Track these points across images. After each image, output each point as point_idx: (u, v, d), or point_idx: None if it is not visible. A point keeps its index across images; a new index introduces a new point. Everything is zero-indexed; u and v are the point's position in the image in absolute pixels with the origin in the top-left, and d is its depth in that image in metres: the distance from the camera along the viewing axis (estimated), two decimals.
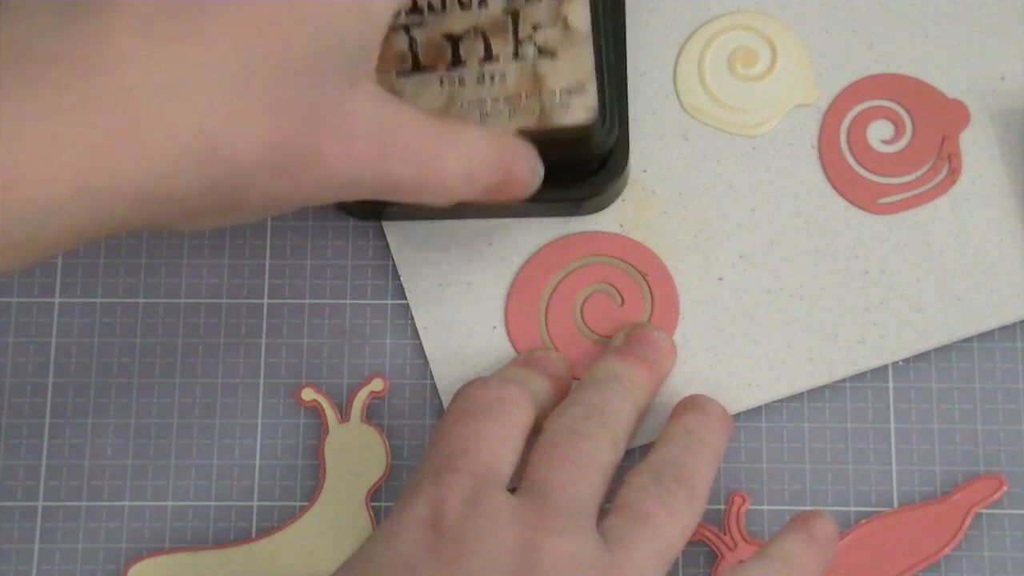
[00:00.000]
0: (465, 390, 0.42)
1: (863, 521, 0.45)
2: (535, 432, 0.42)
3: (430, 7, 0.43)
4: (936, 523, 0.44)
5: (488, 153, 0.38)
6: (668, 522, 0.39)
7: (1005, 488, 0.45)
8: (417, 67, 0.43)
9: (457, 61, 0.42)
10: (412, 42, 0.43)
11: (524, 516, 0.38)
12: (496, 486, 0.39)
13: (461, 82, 0.42)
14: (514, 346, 0.46)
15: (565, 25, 0.42)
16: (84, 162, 0.30)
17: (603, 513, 0.40)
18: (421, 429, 0.46)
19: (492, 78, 0.42)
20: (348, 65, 0.34)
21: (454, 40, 0.43)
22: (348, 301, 0.47)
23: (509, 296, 0.46)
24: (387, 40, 0.42)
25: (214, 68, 0.31)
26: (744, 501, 0.45)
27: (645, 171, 0.47)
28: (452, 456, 0.39)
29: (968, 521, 0.44)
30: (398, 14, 0.42)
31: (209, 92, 0.31)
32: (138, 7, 0.31)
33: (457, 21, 0.43)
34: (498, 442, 0.40)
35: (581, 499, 0.39)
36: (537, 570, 0.37)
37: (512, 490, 0.39)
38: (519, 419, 0.41)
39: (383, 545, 0.38)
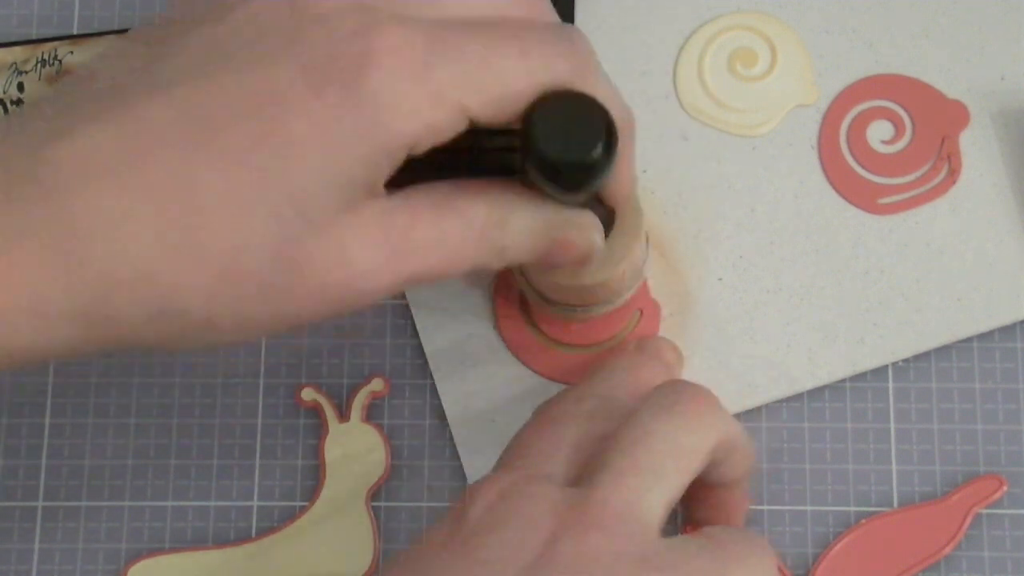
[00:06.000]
0: (545, 402, 0.41)
1: (863, 521, 0.45)
2: None
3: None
4: (936, 523, 0.44)
5: (524, 230, 0.35)
6: None
7: (1005, 488, 0.45)
8: None
9: None
10: None
11: (555, 511, 0.34)
12: (541, 481, 0.36)
13: None
14: (508, 345, 0.46)
15: None
16: (25, 285, 0.31)
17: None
18: (421, 429, 0.46)
19: None
20: (339, 195, 0.32)
21: None
22: None
23: (495, 294, 0.46)
24: None
25: (159, 201, 0.31)
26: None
27: (645, 171, 0.47)
28: (511, 457, 0.38)
29: (968, 521, 0.44)
30: None
31: (149, 224, 0.31)
32: (93, 137, 0.31)
33: None
34: (561, 445, 0.38)
35: (642, 496, 0.35)
36: (548, 567, 0.33)
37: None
38: (593, 428, 0.38)
39: (417, 539, 0.37)
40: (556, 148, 0.33)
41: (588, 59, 0.35)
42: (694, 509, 0.40)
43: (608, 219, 0.39)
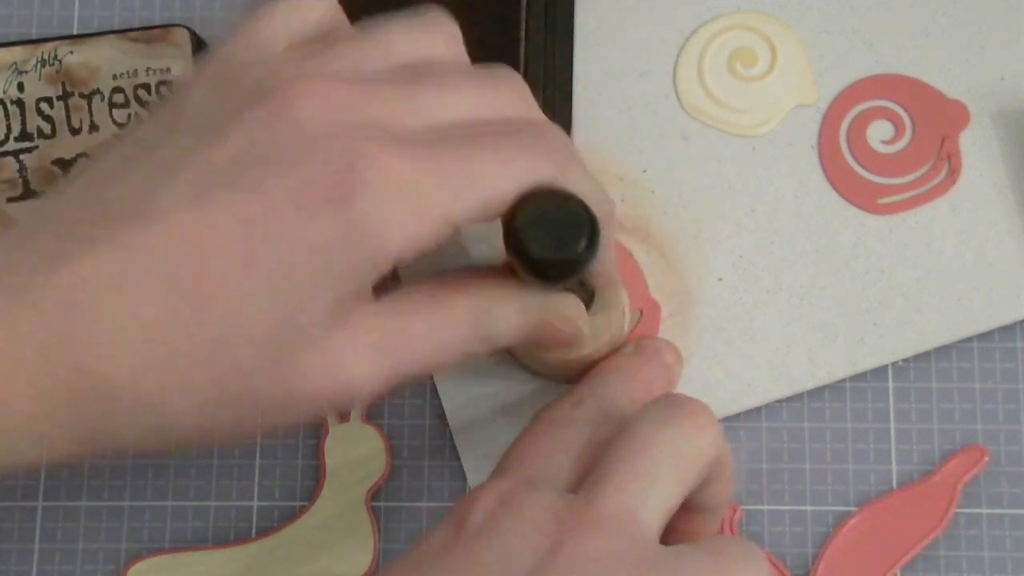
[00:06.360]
0: (544, 406, 0.41)
1: (855, 511, 0.45)
2: None
3: (40, 133, 0.44)
4: (926, 501, 0.45)
5: (510, 320, 0.37)
6: None
7: (986, 458, 0.45)
8: (28, 193, 0.45)
9: None
10: (22, 168, 0.45)
11: (556, 517, 0.35)
12: (539, 488, 0.36)
13: None
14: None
15: None
16: (29, 411, 0.32)
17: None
18: (421, 429, 0.46)
19: None
20: (328, 310, 0.33)
21: (64, 166, 0.45)
22: None
23: None
24: None
25: (153, 328, 0.32)
26: (735, 511, 0.45)
27: (645, 171, 0.47)
28: (511, 461, 0.39)
29: (957, 495, 0.44)
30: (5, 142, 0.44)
31: (143, 351, 0.32)
32: (90, 266, 0.32)
33: (67, 147, 0.45)
34: (561, 449, 0.38)
35: (641, 501, 0.35)
36: (550, 570, 0.33)
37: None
38: (593, 432, 0.39)
39: (420, 540, 0.37)
40: (540, 247, 0.34)
41: (567, 155, 0.36)
42: (670, 538, 0.40)
43: (589, 297, 0.40)
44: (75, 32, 0.49)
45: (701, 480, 0.37)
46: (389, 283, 0.35)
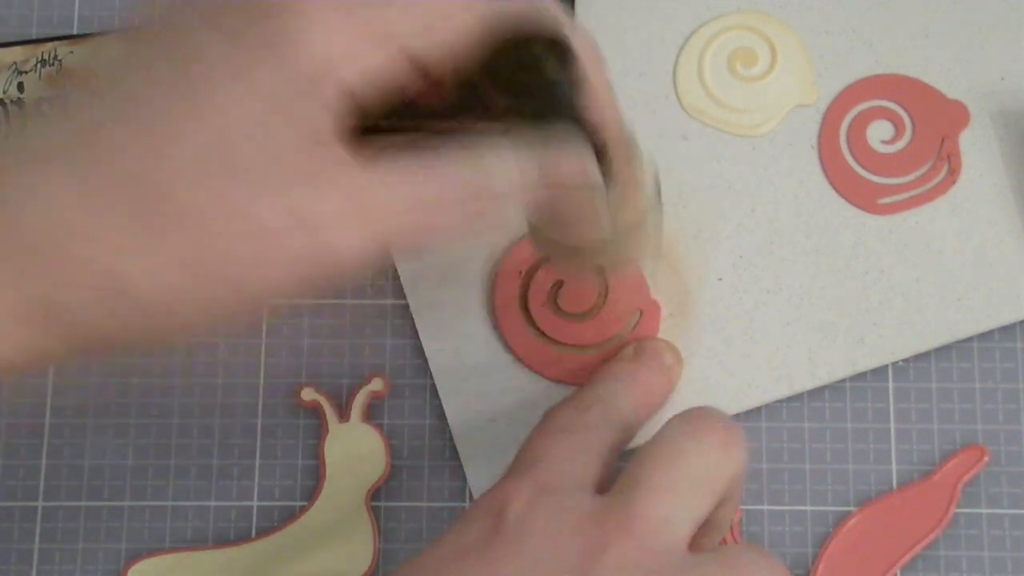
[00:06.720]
0: (550, 411, 0.41)
1: (855, 511, 0.45)
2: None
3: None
4: (926, 501, 0.45)
5: (513, 173, 0.34)
6: None
7: (986, 458, 0.45)
8: None
9: None
10: None
11: (595, 520, 0.35)
12: (566, 491, 0.36)
13: None
14: (508, 346, 0.46)
15: None
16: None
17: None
18: (421, 429, 0.46)
19: None
20: (288, 158, 0.31)
21: None
22: (348, 301, 0.47)
23: (495, 294, 0.46)
24: None
25: (103, 184, 0.31)
26: (735, 512, 0.45)
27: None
28: (527, 463, 0.38)
29: (957, 495, 0.44)
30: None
31: (94, 209, 0.31)
32: (40, 135, 0.31)
33: None
34: (577, 453, 0.38)
35: (675, 510, 0.35)
36: (593, 573, 0.34)
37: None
38: (601, 437, 0.39)
39: (449, 533, 0.37)
40: (513, 69, 0.32)
41: None
42: None
43: (606, 171, 0.37)
44: (75, 32, 0.49)
45: (726, 495, 0.37)
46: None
